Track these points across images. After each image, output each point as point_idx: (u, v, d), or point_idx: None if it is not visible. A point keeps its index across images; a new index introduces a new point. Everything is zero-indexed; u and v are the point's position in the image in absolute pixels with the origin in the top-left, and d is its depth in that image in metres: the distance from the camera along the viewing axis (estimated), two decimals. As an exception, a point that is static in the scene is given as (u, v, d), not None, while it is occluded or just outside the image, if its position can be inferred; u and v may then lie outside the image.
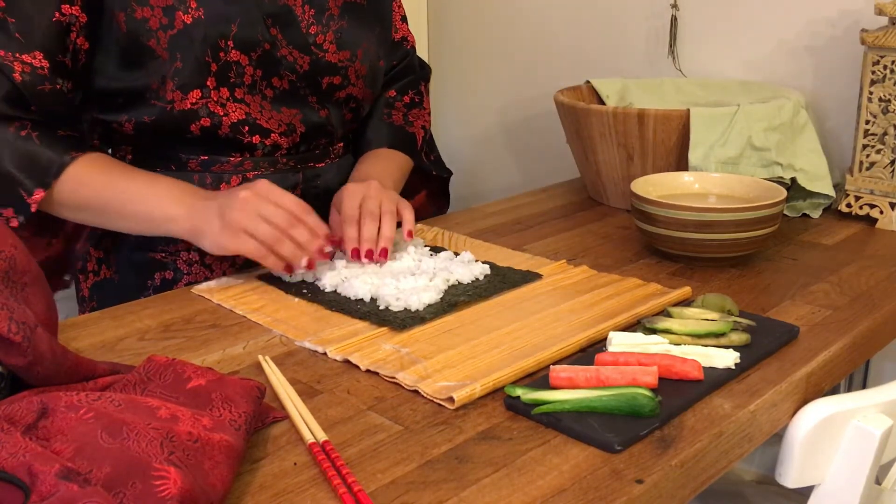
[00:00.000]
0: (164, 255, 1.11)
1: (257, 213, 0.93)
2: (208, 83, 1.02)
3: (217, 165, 1.08)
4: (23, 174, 0.96)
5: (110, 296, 1.12)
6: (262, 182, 0.96)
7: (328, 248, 0.98)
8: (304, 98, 1.10)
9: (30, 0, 0.96)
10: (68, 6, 0.97)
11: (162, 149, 1.07)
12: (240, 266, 1.11)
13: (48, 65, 0.97)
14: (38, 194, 0.96)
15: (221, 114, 1.04)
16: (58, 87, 0.99)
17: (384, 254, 1.00)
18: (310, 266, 0.97)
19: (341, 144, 1.19)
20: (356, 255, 1.00)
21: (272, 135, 1.08)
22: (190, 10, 1.00)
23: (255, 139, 1.07)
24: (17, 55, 0.96)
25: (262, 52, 1.04)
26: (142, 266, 1.12)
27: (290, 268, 0.97)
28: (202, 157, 1.08)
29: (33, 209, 0.96)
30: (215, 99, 1.03)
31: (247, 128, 1.06)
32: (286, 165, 1.12)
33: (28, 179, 0.96)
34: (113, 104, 1.05)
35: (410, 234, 1.04)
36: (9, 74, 0.96)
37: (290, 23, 1.06)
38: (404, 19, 1.32)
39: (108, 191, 0.98)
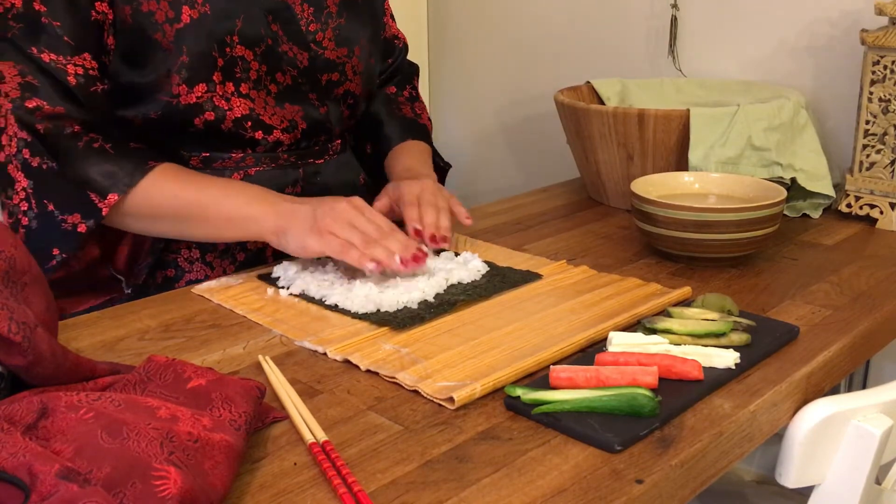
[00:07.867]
0: (164, 252, 1.10)
1: (349, 222, 0.96)
2: (214, 77, 1.03)
3: (219, 162, 1.08)
4: (100, 178, 0.97)
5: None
6: (357, 198, 0.99)
7: (425, 248, 0.99)
8: (305, 94, 1.11)
9: (68, 2, 0.97)
10: (99, 3, 0.99)
11: (165, 145, 1.07)
12: (240, 263, 1.11)
13: (97, 65, 1.00)
14: (112, 198, 0.96)
15: (226, 108, 1.04)
16: (105, 87, 1.01)
17: (445, 240, 1.04)
18: (403, 263, 0.95)
19: (339, 142, 1.20)
20: (418, 235, 1.03)
21: (275, 131, 1.09)
22: (196, 5, 1.01)
23: (258, 135, 1.08)
24: (69, 58, 0.97)
25: (265, 48, 1.05)
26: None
27: (378, 264, 0.94)
28: (203, 154, 1.08)
29: (104, 213, 0.96)
30: (220, 93, 1.03)
31: (249, 123, 1.06)
32: (287, 161, 1.12)
33: (105, 181, 0.96)
34: (120, 100, 1.05)
35: (469, 218, 1.09)
36: (63, 78, 0.97)
37: (289, 19, 1.07)
38: (393, 17, 1.35)
39: (184, 196, 0.99)
